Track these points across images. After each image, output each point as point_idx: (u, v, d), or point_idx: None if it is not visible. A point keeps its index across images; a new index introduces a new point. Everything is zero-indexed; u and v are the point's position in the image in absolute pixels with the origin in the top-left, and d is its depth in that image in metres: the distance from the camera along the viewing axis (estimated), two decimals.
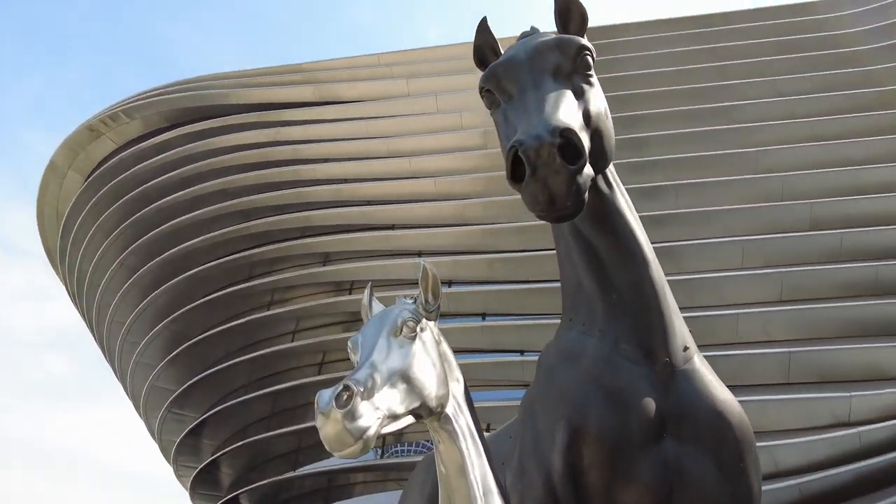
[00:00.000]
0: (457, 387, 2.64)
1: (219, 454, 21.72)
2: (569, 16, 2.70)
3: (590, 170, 2.22)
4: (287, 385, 20.52)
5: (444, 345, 2.73)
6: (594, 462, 2.70)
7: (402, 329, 2.47)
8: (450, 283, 19.55)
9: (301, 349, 21.29)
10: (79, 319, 28.34)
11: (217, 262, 22.19)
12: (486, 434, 2.77)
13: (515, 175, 2.14)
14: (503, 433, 3.62)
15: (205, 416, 21.64)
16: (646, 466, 2.70)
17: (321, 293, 22.41)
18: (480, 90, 2.71)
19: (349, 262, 21.84)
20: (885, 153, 18.70)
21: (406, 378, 2.32)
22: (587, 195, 2.23)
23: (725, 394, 2.92)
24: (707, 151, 19.85)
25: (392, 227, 21.88)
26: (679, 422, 2.77)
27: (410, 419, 2.35)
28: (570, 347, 3.04)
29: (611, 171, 2.84)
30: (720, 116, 20.93)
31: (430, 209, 21.25)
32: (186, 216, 22.52)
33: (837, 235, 16.67)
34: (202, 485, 23.21)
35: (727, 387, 2.96)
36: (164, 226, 22.66)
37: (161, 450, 24.82)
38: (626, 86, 20.72)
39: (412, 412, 2.32)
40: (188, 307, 21.84)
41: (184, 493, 24.54)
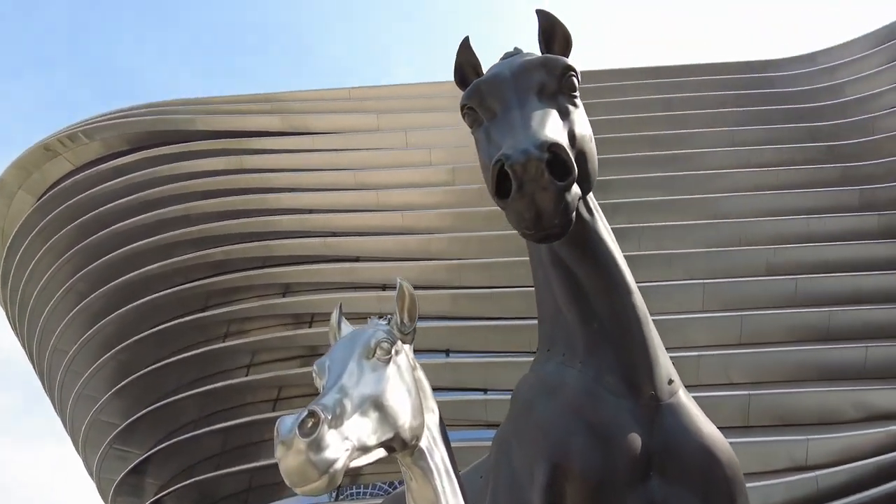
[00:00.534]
0: (432, 418, 2.45)
1: (163, 494, 20.47)
2: (553, 37, 2.65)
3: (577, 189, 2.14)
4: (240, 421, 19.63)
5: (420, 371, 2.54)
6: (577, 502, 2.55)
7: (376, 351, 2.27)
8: None
9: (256, 384, 20.51)
10: (17, 345, 26.80)
11: (172, 291, 21.38)
12: None
13: (500, 191, 2.04)
14: (472, 473, 3.39)
15: (150, 453, 20.45)
16: None
17: (279, 325, 21.79)
18: (462, 107, 2.60)
19: (310, 294, 21.35)
20: (833, 204, 19.59)
21: (379, 405, 2.10)
22: (574, 215, 2.15)
23: (713, 430, 2.79)
24: (668, 196, 20.40)
25: (357, 260, 21.60)
26: (666, 459, 2.63)
27: (382, 452, 2.12)
28: (550, 379, 2.88)
29: (591, 198, 2.76)
30: (680, 163, 21.61)
31: (396, 242, 21.10)
32: (143, 241, 21.76)
33: (792, 281, 17.20)
34: None
35: None
36: (119, 251, 21.82)
37: (98, 490, 23.27)
38: None
39: (384, 444, 2.09)
40: (138, 336, 20.87)
41: None
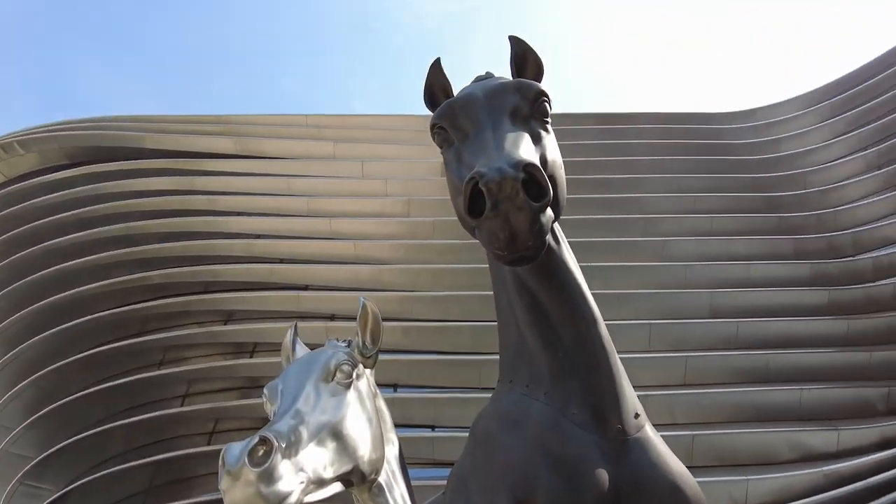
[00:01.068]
0: (391, 450, 2.30)
1: None
2: (524, 63, 2.66)
3: (551, 212, 2.10)
4: (171, 455, 18.52)
5: (381, 399, 2.40)
6: None
7: (336, 374, 2.12)
8: None
9: (191, 415, 19.47)
10: None
11: (107, 314, 20.28)
12: None
13: (473, 209, 1.98)
14: None
15: (66, 490, 18.92)
16: None
17: (220, 354, 20.91)
18: (432, 126, 2.56)
19: (254, 323, 20.62)
20: (770, 251, 20.54)
21: (337, 434, 1.96)
22: (548, 238, 2.10)
23: (680, 466, 2.72)
24: (616, 238, 20.92)
25: (305, 288, 21.08)
26: (634, 495, 2.53)
27: (338, 487, 1.97)
28: (512, 411, 2.75)
29: (557, 226, 2.70)
30: (628, 206, 22.29)
31: (347, 272, 20.76)
32: (78, 261, 20.66)
33: (734, 324, 17.80)
34: None
35: None
36: (50, 269, 20.62)
37: None
38: None
39: (342, 478, 1.95)
40: (64, 362, 19.57)
41: None
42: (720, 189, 22.70)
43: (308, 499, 1.78)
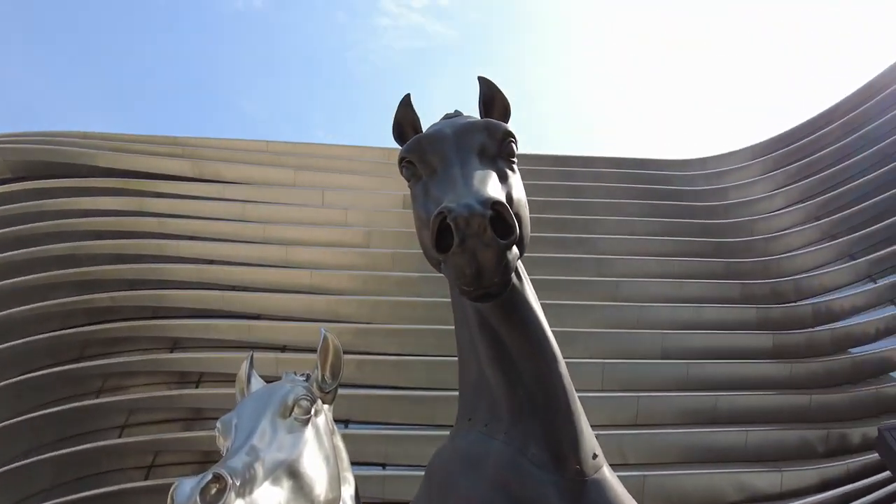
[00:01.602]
0: (347, 490, 2.22)
1: None
2: (492, 105, 2.75)
3: (517, 250, 2.14)
4: (104, 490, 17.37)
5: (338, 437, 2.32)
6: None
7: (294, 409, 2.05)
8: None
9: (128, 447, 18.42)
10: None
11: (43, 337, 19.18)
12: None
13: (440, 244, 2.00)
14: None
15: None
16: None
17: (163, 383, 19.99)
18: (401, 160, 2.60)
19: (201, 351, 19.87)
20: (718, 295, 21.23)
21: (293, 473, 1.90)
22: (513, 276, 2.13)
23: None
24: (570, 277, 21.25)
25: (257, 317, 20.51)
26: None
27: None
28: (471, 451, 2.71)
29: (520, 264, 2.75)
30: (582, 246, 22.76)
31: (302, 302, 20.34)
32: (15, 280, 19.57)
33: (684, 365, 18.19)
34: None
35: None
36: None
37: None
38: None
39: None
40: None
41: None
42: (672, 233, 23.46)
43: None
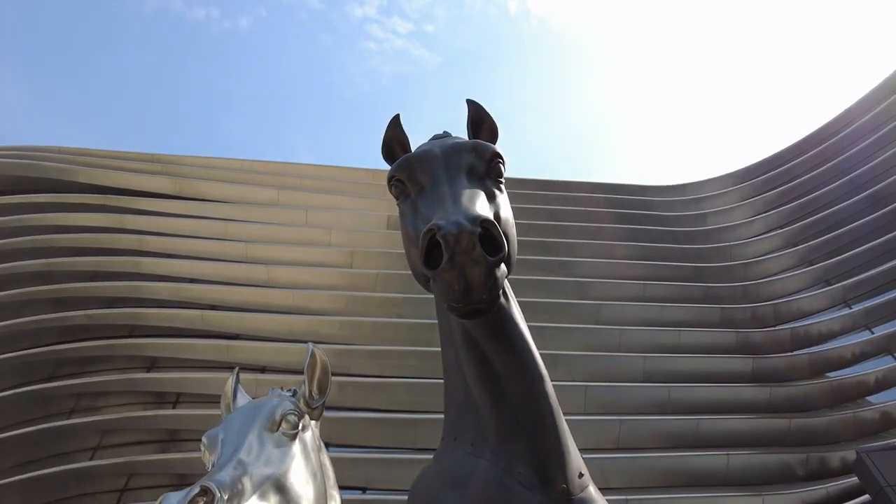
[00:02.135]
0: None
1: None
2: (480, 127, 2.80)
3: (505, 268, 2.15)
4: None
5: (325, 454, 2.28)
6: None
7: (281, 424, 2.02)
8: None
9: (101, 470, 17.86)
10: None
11: (13, 355, 18.67)
12: None
13: (430, 261, 2.01)
14: None
15: None
16: None
17: (138, 404, 19.51)
18: (390, 179, 2.62)
19: (179, 371, 19.48)
20: (699, 319, 21.42)
21: (280, 487, 1.87)
22: (500, 294, 2.13)
23: None
24: (552, 299, 21.31)
25: (236, 337, 20.20)
26: None
27: None
28: (457, 471, 2.69)
29: (507, 283, 2.78)
30: (564, 269, 22.88)
31: (282, 322, 20.08)
32: None
33: (665, 389, 18.25)
34: None
35: None
36: None
37: None
38: None
39: None
40: None
41: None
42: (653, 257, 23.72)
43: None
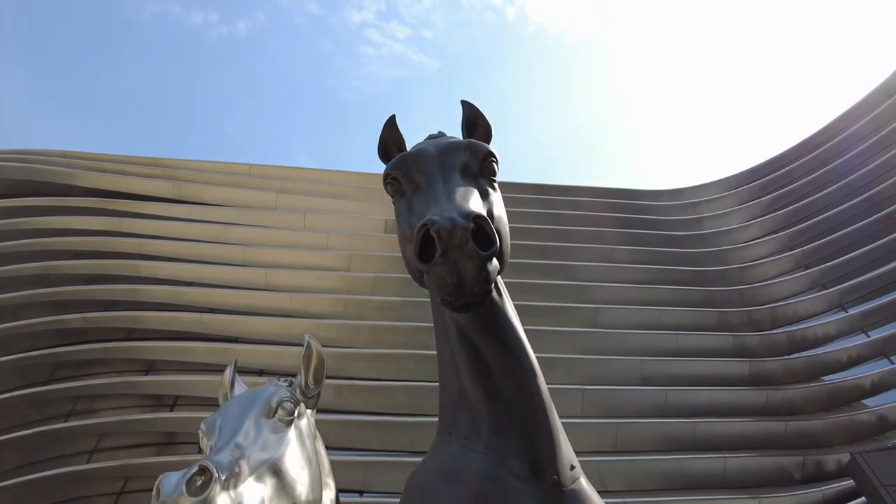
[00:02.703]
0: (328, 495, 2.23)
1: None
2: (475, 127, 2.89)
3: (497, 263, 2.22)
4: None
5: (320, 443, 2.34)
6: None
7: (278, 410, 2.07)
8: None
9: (98, 473, 17.84)
10: None
11: (10, 358, 18.65)
12: None
13: (424, 255, 2.08)
14: None
15: None
16: None
17: (136, 407, 19.50)
18: (385, 177, 2.71)
19: (177, 374, 19.48)
20: (696, 322, 21.49)
21: (276, 471, 1.91)
22: (493, 290, 2.20)
23: None
24: (550, 303, 21.38)
25: (235, 340, 20.21)
26: None
27: None
28: (451, 464, 2.73)
29: (500, 280, 2.83)
30: (563, 273, 22.95)
31: (281, 325, 20.10)
32: None
33: (663, 392, 18.29)
34: None
35: None
36: None
37: None
38: None
39: None
40: None
41: None
42: (650, 261, 23.81)
43: None
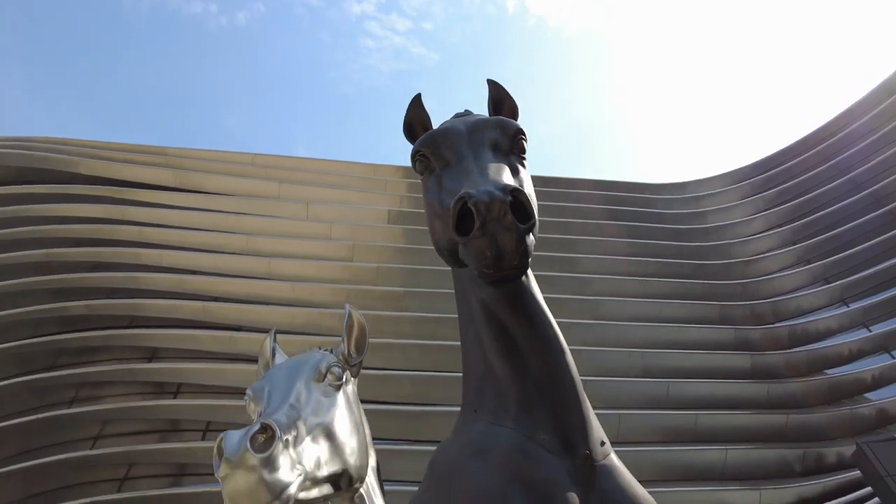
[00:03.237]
0: (372, 461, 2.24)
1: None
2: (501, 106, 2.86)
3: (533, 237, 2.19)
4: (72, 503, 16.88)
5: (363, 411, 2.33)
6: None
7: (327, 375, 2.08)
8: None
9: (101, 459, 17.88)
10: None
11: (12, 345, 18.66)
12: None
13: (461, 228, 2.07)
14: None
15: None
16: None
17: (139, 394, 19.53)
18: (414, 154, 2.69)
19: (180, 362, 19.50)
20: (698, 315, 21.54)
21: (329, 434, 1.91)
22: (529, 261, 2.18)
23: (645, 493, 2.73)
24: (552, 295, 21.41)
25: (238, 329, 20.21)
26: None
27: (328, 489, 1.88)
28: (479, 440, 2.69)
29: None
30: (565, 265, 22.95)
31: (284, 314, 20.11)
32: None
33: (664, 384, 18.35)
34: None
35: None
36: None
37: None
38: None
39: (331, 479, 1.86)
40: None
41: None
42: (652, 254, 23.83)
43: (301, 494, 1.68)
